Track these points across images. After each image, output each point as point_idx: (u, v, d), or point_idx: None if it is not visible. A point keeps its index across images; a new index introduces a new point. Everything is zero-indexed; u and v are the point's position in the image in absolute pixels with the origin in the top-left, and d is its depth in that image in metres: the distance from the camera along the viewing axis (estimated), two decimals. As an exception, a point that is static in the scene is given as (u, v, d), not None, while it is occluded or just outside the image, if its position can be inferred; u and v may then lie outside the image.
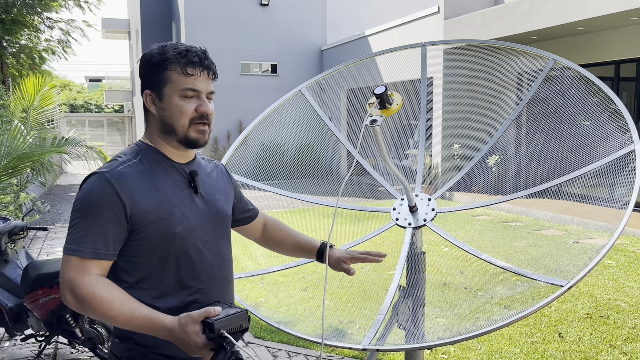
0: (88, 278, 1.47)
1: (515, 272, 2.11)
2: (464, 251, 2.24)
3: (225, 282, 1.71)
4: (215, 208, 1.70)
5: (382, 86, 1.93)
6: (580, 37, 10.62)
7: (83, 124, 29.24)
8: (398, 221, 2.29)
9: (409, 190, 2.22)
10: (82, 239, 1.48)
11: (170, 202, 1.58)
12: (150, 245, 1.55)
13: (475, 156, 2.35)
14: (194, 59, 1.59)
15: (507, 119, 2.37)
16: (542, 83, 2.60)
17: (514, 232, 8.88)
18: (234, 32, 18.14)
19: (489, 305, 5.23)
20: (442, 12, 12.63)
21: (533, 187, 2.20)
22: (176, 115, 1.59)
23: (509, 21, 10.55)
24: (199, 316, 1.41)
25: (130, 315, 1.45)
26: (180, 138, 1.61)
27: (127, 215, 1.51)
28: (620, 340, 4.37)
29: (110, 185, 1.51)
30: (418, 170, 2.45)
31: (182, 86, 1.58)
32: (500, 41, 2.38)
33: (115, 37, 28.56)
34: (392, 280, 2.18)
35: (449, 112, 12.31)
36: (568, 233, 8.54)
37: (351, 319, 5.07)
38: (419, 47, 2.60)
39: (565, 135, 3.74)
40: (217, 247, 1.68)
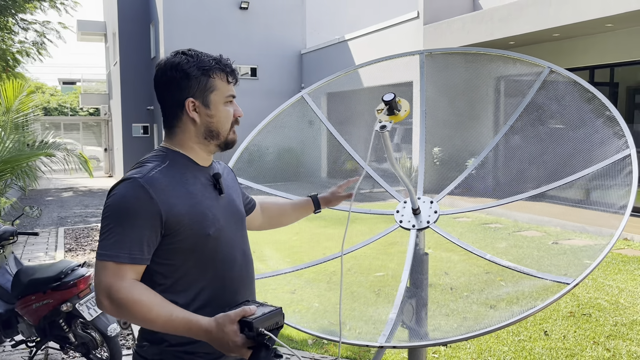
0: (125, 283, 1.49)
1: (521, 272, 2.20)
2: (468, 251, 2.32)
3: (251, 280, 1.77)
4: (235, 207, 1.77)
5: (391, 93, 2.00)
6: (556, 42, 10.89)
7: (58, 127, 28.75)
8: (402, 223, 2.37)
9: (413, 194, 2.29)
10: (117, 244, 1.50)
11: (202, 204, 1.63)
12: (185, 248, 1.59)
13: (476, 159, 2.44)
14: (231, 68, 1.71)
15: (504, 123, 2.47)
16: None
17: (495, 233, 9.06)
18: (213, 35, 18.10)
19: (475, 306, 5.34)
20: (422, 18, 12.81)
21: (533, 190, 2.29)
22: (223, 121, 1.69)
23: (487, 27, 10.76)
24: (236, 315, 1.43)
25: (168, 317, 1.47)
26: (221, 142, 1.71)
27: (162, 220, 1.54)
28: (603, 337, 4.51)
29: (144, 190, 1.53)
30: (419, 174, 2.53)
31: (226, 93, 1.69)
32: (496, 49, 2.47)
33: (91, 40, 28.21)
34: (401, 279, 2.25)
35: (428, 116, 12.48)
36: (547, 234, 8.75)
37: (342, 321, 5.13)
38: (417, 54, 2.68)
39: (544, 140, 3.86)
40: (241, 246, 1.75)
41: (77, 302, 3.85)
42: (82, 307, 3.83)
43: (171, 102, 1.68)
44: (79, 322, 4.00)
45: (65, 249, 8.70)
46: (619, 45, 10.03)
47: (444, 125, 9.57)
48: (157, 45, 18.95)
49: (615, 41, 10.07)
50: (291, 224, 2.30)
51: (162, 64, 1.69)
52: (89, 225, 11.11)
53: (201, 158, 1.71)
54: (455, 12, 12.59)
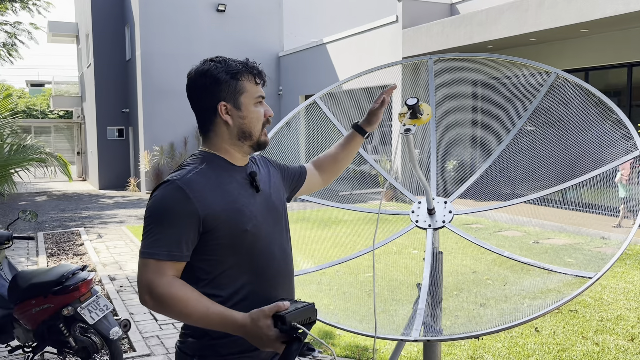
0: (165, 279, 1.57)
1: (541, 267, 2.29)
2: (487, 249, 2.41)
3: (290, 275, 1.83)
4: (272, 204, 1.82)
5: (413, 97, 2.08)
6: (532, 46, 11.17)
7: (27, 130, 28.15)
8: (418, 223, 2.45)
9: (429, 194, 2.38)
10: (157, 242, 1.58)
11: (238, 202, 1.69)
12: (225, 244, 1.65)
13: (485, 162, 2.53)
14: (256, 70, 1.76)
15: (511, 126, 2.57)
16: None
17: (476, 234, 9.24)
18: (189, 37, 18.00)
19: (465, 304, 5.47)
20: (401, 22, 12.99)
21: (540, 191, 2.39)
22: (254, 121, 1.75)
23: (466, 31, 10.98)
24: (269, 310, 1.49)
25: (204, 312, 1.54)
26: (253, 142, 1.76)
27: (199, 218, 1.61)
28: (590, 332, 4.68)
29: (182, 191, 1.61)
30: (431, 175, 2.62)
31: (256, 94, 1.75)
32: (504, 55, 2.57)
33: (62, 41, 27.73)
34: (423, 277, 2.33)
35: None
36: (527, 234, 8.97)
37: (336, 320, 5.19)
38: (426, 59, 2.77)
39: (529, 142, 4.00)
40: (280, 241, 1.80)
41: (78, 306, 3.83)
42: (83, 311, 3.82)
43: (204, 107, 1.75)
44: (79, 326, 3.98)
45: (47, 253, 8.57)
46: (593, 50, 10.35)
47: (423, 127, 9.70)
48: (132, 47, 18.76)
49: (589, 46, 10.39)
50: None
51: (192, 74, 1.77)
52: (69, 229, 10.95)
53: (236, 159, 1.77)
54: (433, 17, 12.80)
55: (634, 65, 9.98)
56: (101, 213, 13.47)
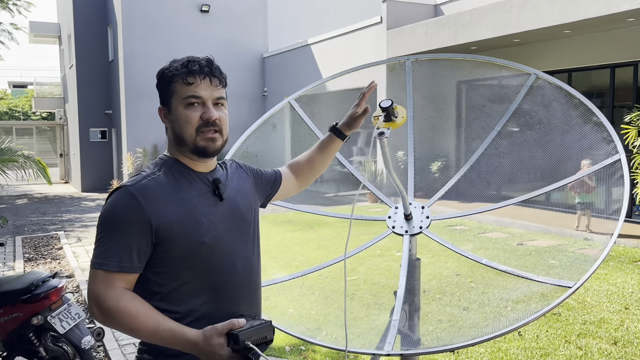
0: (113, 291, 1.48)
1: (519, 275, 2.22)
2: (464, 257, 2.33)
3: (254, 289, 1.73)
4: (239, 213, 1.72)
5: (387, 100, 2.00)
6: (516, 47, 11.18)
7: (9, 132, 27.75)
8: (394, 229, 2.37)
9: (405, 199, 2.30)
10: (107, 252, 1.50)
11: (195, 212, 1.59)
12: (179, 256, 1.56)
13: (464, 166, 2.46)
14: (193, 67, 1.62)
15: (483, 128, 2.50)
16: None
17: (460, 235, 9.20)
18: (173, 38, 17.83)
19: (448, 308, 5.41)
20: (385, 23, 12.94)
21: (523, 195, 2.33)
22: (183, 125, 1.62)
23: (450, 32, 10.95)
24: (223, 328, 1.43)
25: (154, 328, 1.46)
26: (189, 147, 1.63)
27: (152, 228, 1.52)
28: (574, 335, 4.63)
29: (134, 198, 1.52)
30: (409, 179, 2.54)
31: (184, 95, 1.61)
32: (483, 56, 2.51)
33: (44, 42, 27.37)
34: (399, 286, 2.24)
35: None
36: (511, 236, 8.95)
37: (317, 326, 5.11)
38: (404, 60, 2.69)
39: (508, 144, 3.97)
40: (244, 253, 1.70)
41: (48, 315, 3.71)
42: (54, 320, 3.70)
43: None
44: (50, 335, 3.86)
45: (24, 258, 8.39)
46: (576, 51, 10.37)
47: (406, 128, 9.66)
48: (115, 48, 18.53)
49: (572, 47, 10.41)
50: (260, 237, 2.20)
51: None
52: (48, 233, 10.75)
53: (197, 164, 1.67)
54: (418, 18, 12.77)
55: (617, 67, 10.01)
56: (82, 216, 13.26)
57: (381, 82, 3.11)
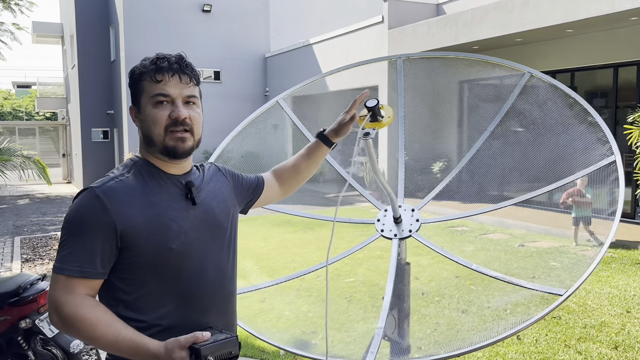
0: (73, 298, 1.42)
1: (509, 282, 2.15)
2: (453, 261, 2.26)
3: (228, 298, 1.65)
4: (213, 218, 1.64)
5: (374, 99, 1.93)
6: (518, 47, 11.08)
7: (12, 132, 27.80)
8: (383, 232, 2.29)
9: (394, 202, 2.22)
10: (69, 257, 1.44)
11: (165, 215, 1.52)
12: (146, 262, 1.49)
13: (455, 167, 2.39)
14: (162, 64, 1.55)
15: (485, 128, 2.43)
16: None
17: (462, 236, 9.12)
18: (175, 38, 17.78)
19: (447, 311, 5.33)
20: (386, 22, 12.86)
21: (519, 196, 2.25)
22: (151, 125, 1.56)
23: (451, 31, 10.86)
24: (186, 342, 1.38)
25: (114, 338, 1.40)
26: (159, 148, 1.56)
27: (117, 232, 1.46)
28: (573, 340, 4.54)
29: (99, 200, 1.46)
30: (399, 180, 2.47)
31: (152, 93, 1.55)
32: (476, 54, 2.43)
33: (47, 42, 27.39)
34: (385, 292, 2.17)
35: (394, 120, 12.52)
36: (513, 237, 8.86)
37: (313, 329, 5.04)
38: (395, 58, 2.62)
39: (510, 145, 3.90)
40: (218, 260, 1.63)
41: (37, 318, 3.65)
42: (42, 324, 3.64)
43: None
44: (39, 338, 3.80)
45: (22, 259, 8.35)
46: (579, 50, 10.26)
47: (408, 129, 9.52)
48: (117, 49, 18.51)
49: (575, 46, 10.30)
50: (260, 235, 2.14)
51: None
52: (47, 233, 10.71)
53: (168, 166, 1.60)
54: (419, 17, 12.68)
55: (620, 66, 9.90)
56: (83, 216, 13.21)
57: (382, 82, 3.05)
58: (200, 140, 1.64)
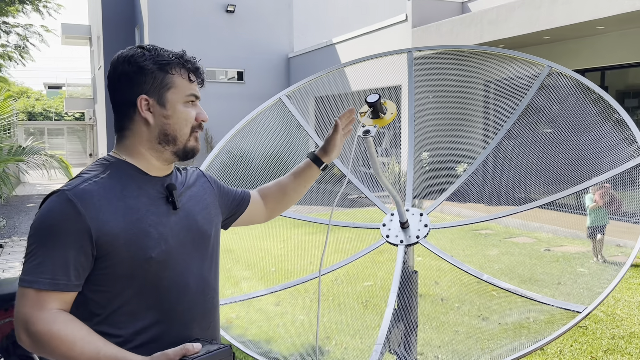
0: (45, 313, 1.28)
1: (523, 295, 1.97)
2: (463, 271, 2.09)
3: (211, 311, 1.52)
4: (195, 224, 1.51)
5: (375, 94, 1.77)
6: (546, 45, 10.75)
7: (42, 132, 28.36)
8: (389, 238, 2.13)
9: (400, 206, 2.06)
10: (38, 268, 1.30)
11: (144, 221, 1.39)
12: (122, 273, 1.36)
13: (470, 167, 2.22)
14: (197, 64, 1.51)
15: (501, 127, 2.25)
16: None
17: (485, 240, 8.86)
18: (199, 38, 17.83)
19: (467, 318, 5.12)
20: (410, 21, 12.64)
21: (539, 200, 2.07)
22: (180, 123, 1.47)
23: (476, 29, 10.60)
24: (175, 355, 1.25)
25: (94, 356, 1.27)
26: (178, 148, 1.47)
27: (92, 239, 1.32)
28: (600, 351, 4.30)
29: (71, 204, 1.32)
30: (407, 184, 2.30)
31: (186, 92, 1.47)
32: (492, 47, 2.26)
33: (76, 43, 27.83)
34: (387, 304, 2.01)
35: (416, 119, 12.31)
36: (538, 241, 8.57)
37: (327, 335, 4.89)
38: (405, 52, 2.46)
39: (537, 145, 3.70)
40: (200, 270, 1.50)
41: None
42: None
43: (123, 100, 1.46)
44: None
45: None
46: (610, 48, 9.90)
47: (433, 129, 9.31)
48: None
49: (606, 44, 9.95)
50: (278, 233, 1.99)
51: (115, 58, 1.50)
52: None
53: (153, 167, 1.47)
54: (444, 15, 12.43)
55: (653, 64, 9.52)
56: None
57: (402, 79, 2.90)
58: None
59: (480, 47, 2.28)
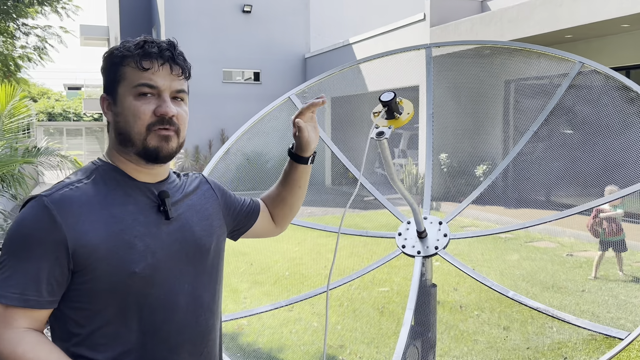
0: (11, 333, 1.15)
1: (556, 317, 1.79)
2: (487, 286, 1.92)
3: (203, 334, 1.36)
4: (192, 236, 1.36)
5: (390, 92, 1.61)
6: (569, 44, 10.48)
7: (61, 132, 28.60)
8: (405, 249, 1.97)
9: (418, 214, 1.90)
10: (7, 281, 1.16)
11: (129, 232, 1.25)
12: (102, 288, 1.22)
13: (492, 173, 2.04)
14: (151, 49, 1.29)
15: (527, 129, 2.08)
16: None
17: (505, 244, 8.62)
18: (215, 39, 17.79)
19: (487, 327, 4.92)
20: (428, 20, 12.43)
21: (572, 208, 1.90)
22: (131, 120, 1.28)
23: (496, 28, 10.36)
24: None
25: None
26: (137, 149, 1.29)
27: (68, 251, 1.18)
28: (629, 364, 4.09)
29: (47, 212, 1.19)
30: (425, 189, 2.14)
31: (135, 82, 1.28)
32: (517, 42, 2.08)
33: (94, 45, 28.03)
34: (403, 322, 1.84)
35: (435, 119, 12.09)
36: (561, 245, 8.31)
37: (341, 343, 4.73)
38: (423, 48, 2.29)
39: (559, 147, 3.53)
40: (193, 287, 1.34)
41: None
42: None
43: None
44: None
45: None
46: (636, 46, 9.60)
47: (452, 129, 9.07)
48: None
49: (631, 42, 9.65)
50: (290, 235, 1.79)
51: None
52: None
53: (139, 172, 1.33)
54: (463, 14, 12.20)
55: (681, 63, 9.21)
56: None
57: (419, 79, 2.75)
58: (184, 143, 1.38)
59: (505, 42, 2.10)
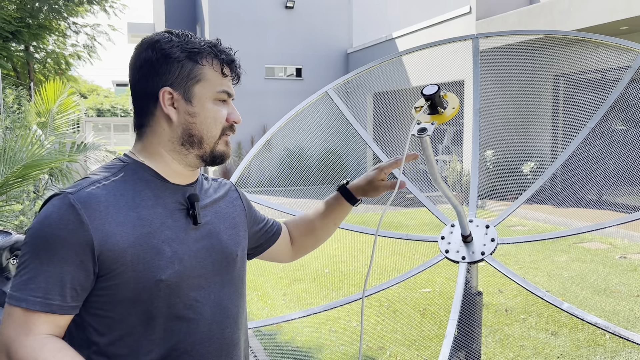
0: (32, 339, 1.08)
1: (617, 335, 1.63)
2: (539, 297, 1.77)
3: (228, 346, 1.28)
4: (219, 243, 1.28)
5: (433, 85, 1.48)
6: (624, 37, 10.00)
7: (109, 128, 29.36)
8: (448, 254, 1.84)
9: (463, 217, 1.77)
10: (29, 284, 1.09)
11: (157, 236, 1.17)
12: (125, 296, 1.15)
13: (545, 173, 1.89)
14: (232, 56, 1.28)
15: (583, 126, 1.91)
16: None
17: (553, 245, 8.30)
18: (258, 35, 17.85)
19: (533, 331, 4.71)
20: (474, 13, 12.10)
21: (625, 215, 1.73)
22: (210, 123, 1.24)
23: (546, 20, 9.98)
24: None
25: None
26: (205, 152, 1.25)
27: (94, 254, 1.11)
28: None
29: (74, 211, 1.11)
30: (471, 189, 2.00)
31: (218, 88, 1.24)
32: (577, 32, 1.92)
33: (141, 42, 28.61)
34: (446, 334, 1.72)
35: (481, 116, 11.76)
36: (613, 247, 7.94)
37: (380, 345, 4.61)
38: (470, 39, 2.15)
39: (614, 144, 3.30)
40: (219, 297, 1.26)
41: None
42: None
43: (143, 92, 1.24)
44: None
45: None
46: (697, 38, 9.08)
47: (499, 125, 8.80)
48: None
49: (691, 34, 9.14)
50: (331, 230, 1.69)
51: (138, 44, 1.27)
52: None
53: (174, 172, 1.25)
54: (510, 7, 11.82)
55: None
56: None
57: (469, 76, 2.62)
58: None
59: (562, 32, 1.94)
